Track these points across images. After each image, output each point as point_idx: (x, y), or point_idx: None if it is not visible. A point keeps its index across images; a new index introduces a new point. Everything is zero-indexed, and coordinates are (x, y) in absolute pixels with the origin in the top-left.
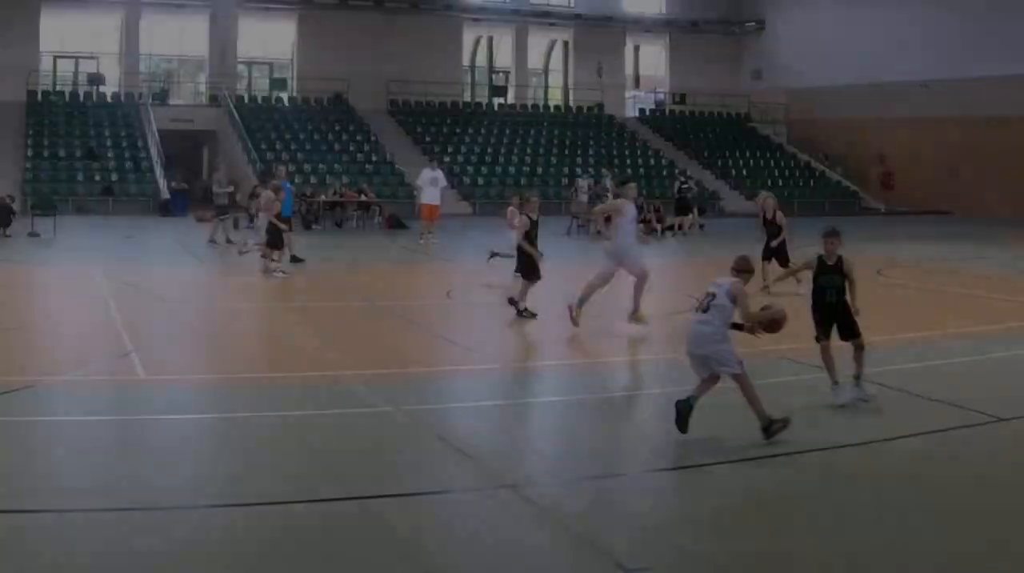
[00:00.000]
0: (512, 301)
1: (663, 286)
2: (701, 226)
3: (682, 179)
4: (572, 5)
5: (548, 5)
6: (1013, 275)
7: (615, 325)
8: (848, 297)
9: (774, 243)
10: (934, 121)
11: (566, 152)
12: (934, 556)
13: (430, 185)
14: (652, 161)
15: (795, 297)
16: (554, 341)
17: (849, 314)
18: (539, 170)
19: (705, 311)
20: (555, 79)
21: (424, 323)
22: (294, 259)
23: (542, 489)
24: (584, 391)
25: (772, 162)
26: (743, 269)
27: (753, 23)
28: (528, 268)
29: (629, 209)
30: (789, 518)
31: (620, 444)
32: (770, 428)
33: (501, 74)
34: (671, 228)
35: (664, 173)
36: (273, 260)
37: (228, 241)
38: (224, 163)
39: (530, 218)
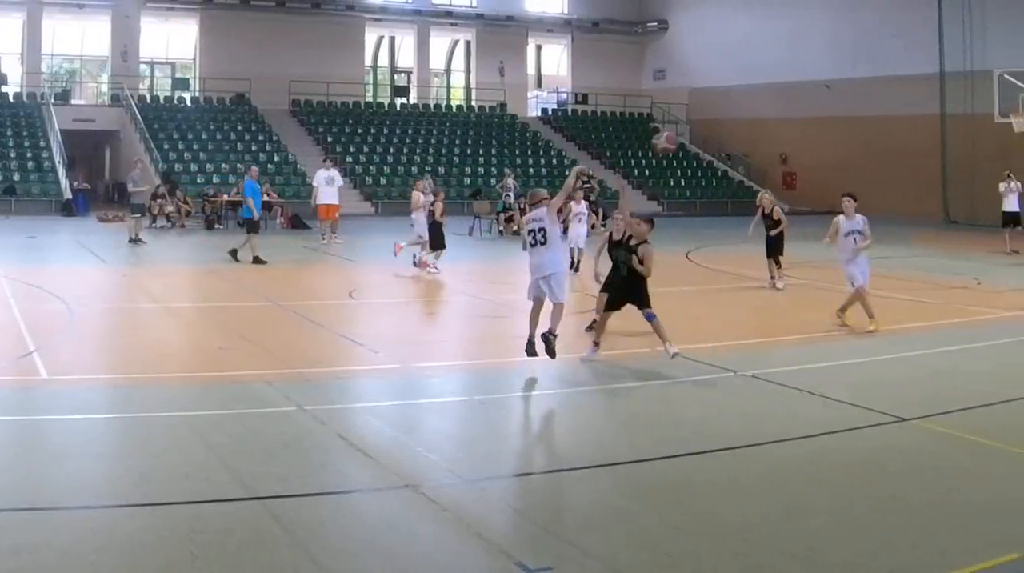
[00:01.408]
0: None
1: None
2: (603, 225)
3: (584, 179)
4: (474, 5)
5: (450, 5)
6: (913, 275)
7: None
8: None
9: (773, 233)
10: (835, 121)
11: (468, 152)
12: (838, 557)
13: (326, 185)
14: (555, 161)
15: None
16: (456, 341)
17: (642, 286)
18: (441, 170)
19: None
20: (457, 79)
21: (327, 323)
22: (256, 260)
23: (443, 489)
24: (485, 391)
25: (674, 162)
26: (538, 201)
27: (655, 23)
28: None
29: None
30: (691, 517)
31: (521, 444)
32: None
33: (403, 74)
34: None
35: (566, 173)
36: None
37: (138, 239)
38: (141, 161)
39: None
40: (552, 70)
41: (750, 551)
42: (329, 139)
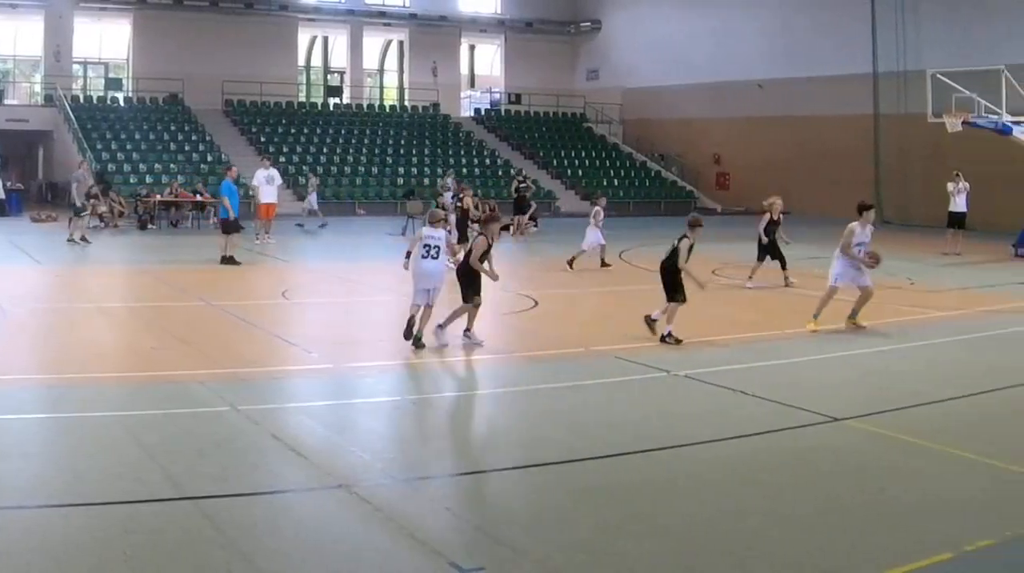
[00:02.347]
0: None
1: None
2: (535, 224)
3: (520, 179)
4: (407, 5)
5: (383, 5)
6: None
7: (456, 326)
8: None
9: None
10: (769, 121)
11: (401, 152)
12: (773, 557)
13: (266, 184)
14: (488, 161)
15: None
16: (390, 341)
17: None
18: (374, 170)
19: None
20: (390, 79)
21: (260, 323)
22: (228, 260)
23: (376, 489)
24: (419, 391)
25: (608, 162)
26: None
27: (588, 23)
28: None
29: None
30: (626, 517)
31: (454, 444)
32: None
33: (336, 74)
34: (507, 228)
35: (500, 173)
36: None
37: (84, 239)
38: (85, 161)
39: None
40: (485, 70)
41: (686, 551)
42: (262, 139)
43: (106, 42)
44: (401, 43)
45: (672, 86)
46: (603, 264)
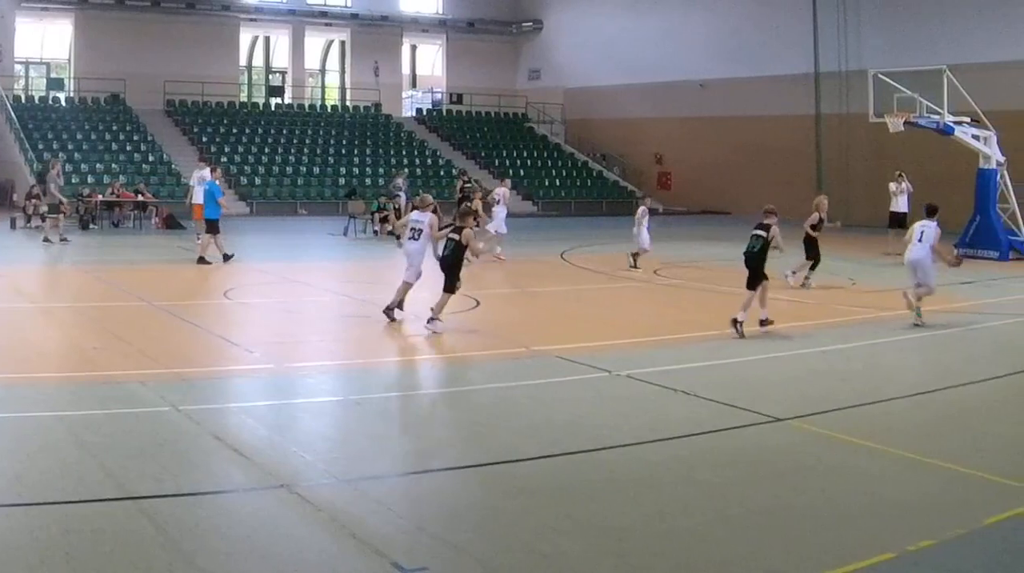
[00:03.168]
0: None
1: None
2: (477, 224)
3: (465, 178)
4: (349, 5)
5: (325, 5)
6: (785, 275)
7: (403, 326)
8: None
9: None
10: (711, 121)
11: (343, 152)
12: (713, 557)
13: (199, 184)
14: (430, 161)
15: None
16: (331, 341)
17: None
18: (316, 170)
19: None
20: (332, 79)
21: (202, 323)
22: (200, 260)
23: (318, 489)
24: (360, 391)
25: (549, 162)
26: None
27: (530, 23)
28: None
29: None
30: (566, 517)
31: (396, 444)
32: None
33: (278, 74)
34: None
35: (442, 173)
36: None
37: (63, 238)
38: (59, 162)
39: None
40: (427, 70)
41: (625, 551)
42: (204, 139)
43: (48, 42)
44: (343, 43)
45: (614, 86)
46: (634, 265)
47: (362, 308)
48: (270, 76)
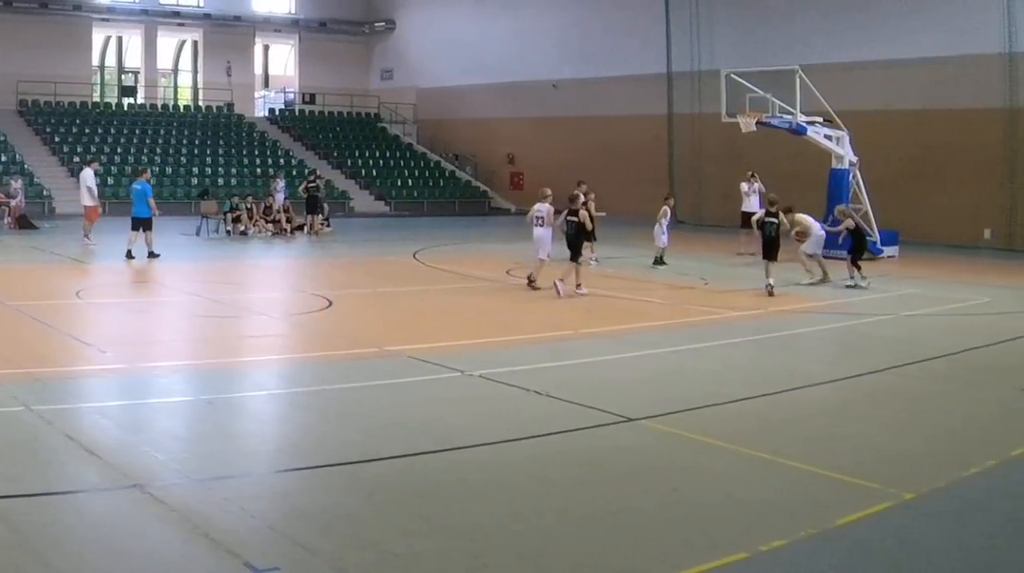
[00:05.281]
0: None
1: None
2: (327, 224)
3: (311, 178)
4: (201, 5)
5: (177, 5)
6: (640, 275)
7: (245, 324)
8: None
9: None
10: (564, 121)
11: (196, 152)
12: (566, 557)
13: (90, 185)
14: (282, 161)
15: None
16: (183, 341)
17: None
18: (168, 170)
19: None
20: (185, 79)
21: (54, 323)
22: (151, 255)
23: (170, 489)
24: (213, 391)
25: (402, 162)
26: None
27: (383, 23)
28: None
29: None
30: (419, 518)
31: (249, 444)
32: None
33: (131, 74)
34: (300, 227)
35: (294, 173)
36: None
37: None
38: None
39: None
40: (280, 70)
41: (478, 551)
42: (57, 139)
43: None
44: (195, 43)
45: (466, 86)
46: (658, 262)
47: (214, 308)
48: (123, 76)
